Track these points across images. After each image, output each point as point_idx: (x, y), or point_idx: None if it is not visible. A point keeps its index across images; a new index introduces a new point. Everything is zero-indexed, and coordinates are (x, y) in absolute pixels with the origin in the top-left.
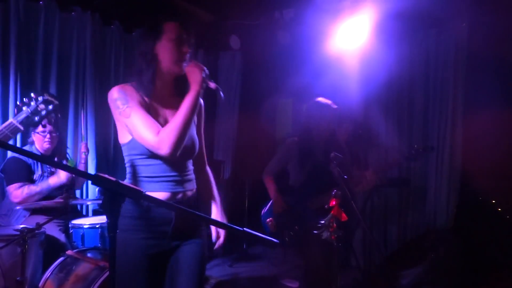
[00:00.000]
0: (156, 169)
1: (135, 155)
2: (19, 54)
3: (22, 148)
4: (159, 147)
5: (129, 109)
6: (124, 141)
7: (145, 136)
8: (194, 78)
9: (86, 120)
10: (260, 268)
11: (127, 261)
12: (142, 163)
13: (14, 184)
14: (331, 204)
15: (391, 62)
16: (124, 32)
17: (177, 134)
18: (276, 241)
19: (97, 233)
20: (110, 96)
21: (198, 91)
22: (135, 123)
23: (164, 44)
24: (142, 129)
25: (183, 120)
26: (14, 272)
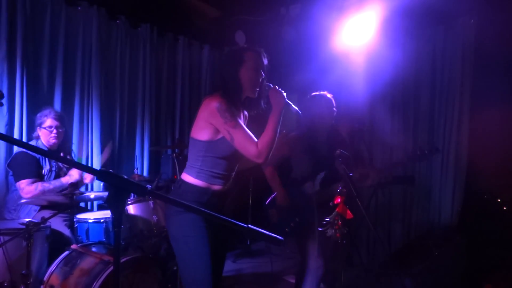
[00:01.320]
0: (223, 168)
1: (213, 153)
2: (25, 48)
3: (29, 143)
4: (259, 156)
5: (235, 122)
6: (206, 139)
7: (249, 147)
8: (278, 101)
9: (91, 114)
10: (263, 264)
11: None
12: (215, 161)
13: (26, 179)
14: (336, 202)
15: (397, 59)
16: (130, 27)
17: (270, 146)
18: (281, 238)
19: (102, 227)
20: (217, 105)
21: (281, 113)
22: (240, 135)
23: (246, 71)
24: (246, 142)
25: (273, 135)
26: (19, 266)
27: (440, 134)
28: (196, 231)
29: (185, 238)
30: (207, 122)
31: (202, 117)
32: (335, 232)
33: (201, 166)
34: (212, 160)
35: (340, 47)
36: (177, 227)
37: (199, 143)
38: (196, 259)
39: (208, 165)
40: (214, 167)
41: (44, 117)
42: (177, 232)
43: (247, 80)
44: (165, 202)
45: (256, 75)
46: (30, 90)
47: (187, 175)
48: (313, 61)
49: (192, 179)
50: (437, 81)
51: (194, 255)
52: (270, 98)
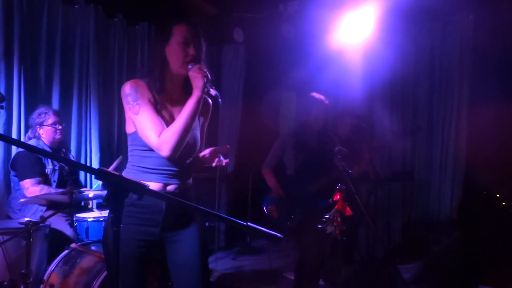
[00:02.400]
0: (154, 162)
1: (136, 145)
2: (22, 47)
3: (29, 144)
4: (160, 148)
5: (138, 106)
6: (128, 131)
7: (148, 136)
8: (196, 83)
9: (89, 113)
10: (263, 261)
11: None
12: (142, 154)
13: (30, 179)
14: (335, 198)
15: (395, 55)
16: (127, 25)
17: (178, 137)
18: (280, 236)
19: (101, 226)
20: (123, 90)
21: (199, 97)
22: (141, 121)
23: (172, 46)
24: (147, 129)
25: (184, 125)
26: (19, 265)
27: (438, 130)
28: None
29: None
30: (125, 112)
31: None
32: (334, 229)
33: (131, 161)
34: (140, 153)
35: (338, 44)
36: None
37: (128, 138)
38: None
39: (136, 159)
40: (143, 161)
41: (44, 115)
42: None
43: (173, 56)
44: (164, 200)
45: (183, 50)
46: (28, 89)
47: (123, 172)
48: (311, 58)
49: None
50: (435, 78)
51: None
52: (190, 79)
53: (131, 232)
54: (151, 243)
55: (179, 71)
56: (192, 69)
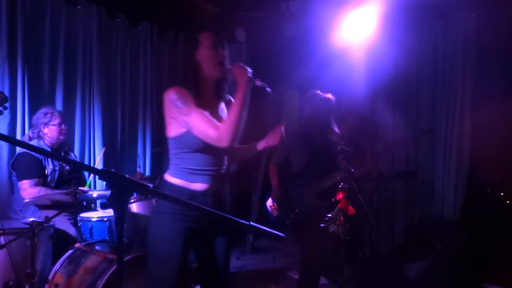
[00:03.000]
0: (199, 163)
1: (183, 147)
2: (26, 47)
3: (31, 144)
4: (220, 139)
5: (188, 108)
6: (174, 135)
7: (207, 131)
8: (241, 78)
9: (93, 113)
10: (266, 261)
11: (166, 239)
12: (188, 156)
13: (28, 180)
14: (338, 198)
15: (398, 53)
16: (130, 25)
17: (234, 128)
18: (282, 235)
19: (105, 226)
20: (169, 96)
21: (245, 90)
22: (195, 120)
23: (203, 52)
24: (203, 125)
25: (237, 116)
26: (24, 265)
27: (442, 128)
28: (168, 236)
29: (154, 237)
30: (168, 117)
31: (165, 113)
32: (337, 228)
33: (177, 163)
34: (186, 156)
35: (341, 42)
36: (152, 225)
37: (171, 141)
38: (158, 263)
39: (183, 161)
40: (190, 162)
41: (51, 115)
42: (150, 230)
43: (205, 60)
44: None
45: (215, 52)
46: (31, 90)
47: (166, 173)
48: (314, 56)
49: (170, 177)
50: (438, 75)
51: (162, 258)
52: (234, 77)
53: (177, 226)
54: (193, 238)
55: (212, 73)
56: (233, 67)
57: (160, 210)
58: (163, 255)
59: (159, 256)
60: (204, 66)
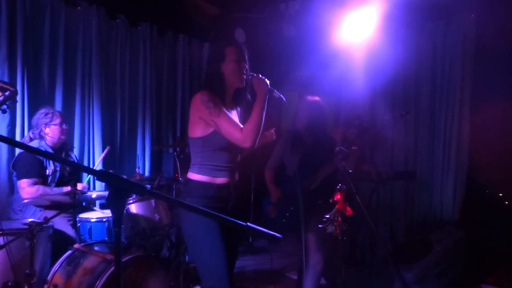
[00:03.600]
0: (223, 160)
1: (209, 146)
2: (25, 49)
3: (28, 145)
4: (244, 141)
5: (218, 110)
6: (201, 135)
7: (233, 133)
8: (262, 89)
9: (92, 113)
10: (265, 261)
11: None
12: (213, 154)
13: (27, 179)
14: (336, 198)
15: (398, 54)
16: (130, 26)
17: (256, 131)
18: (279, 236)
19: (104, 226)
20: (202, 98)
21: (265, 99)
22: (224, 122)
23: (228, 65)
24: (231, 127)
25: (258, 121)
26: (23, 265)
27: (441, 128)
28: (207, 227)
29: (196, 235)
30: (196, 117)
31: (192, 113)
32: (335, 228)
33: (202, 161)
34: (211, 154)
35: (340, 43)
36: (188, 225)
37: (195, 140)
38: (210, 254)
39: (208, 159)
40: (214, 160)
41: (51, 115)
42: (189, 230)
43: (230, 73)
44: (164, 201)
45: (238, 66)
46: (31, 90)
47: (191, 172)
48: (313, 57)
49: (196, 175)
50: (437, 76)
51: (207, 251)
52: (254, 86)
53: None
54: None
55: (235, 83)
56: (254, 77)
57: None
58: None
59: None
60: (228, 77)
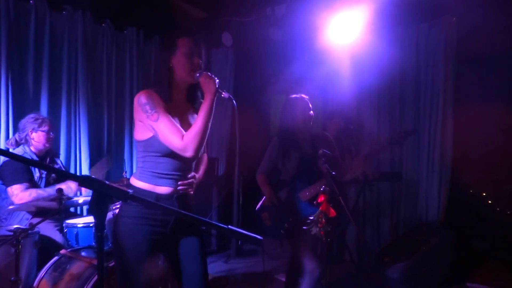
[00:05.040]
0: (166, 167)
1: (151, 151)
2: (10, 53)
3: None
4: (185, 150)
5: (156, 114)
6: (141, 138)
7: (172, 140)
8: (209, 88)
9: (78, 118)
10: (255, 264)
11: (132, 244)
12: (156, 160)
13: (17, 185)
14: (319, 200)
15: (382, 56)
16: (116, 30)
17: (199, 138)
18: (260, 238)
19: (91, 232)
20: (139, 99)
21: (212, 100)
22: (162, 127)
23: (178, 57)
24: (169, 134)
25: (203, 126)
26: (8, 272)
27: (425, 130)
28: (133, 240)
29: (121, 242)
30: (137, 119)
31: (134, 115)
32: (319, 230)
33: (143, 166)
34: (154, 159)
35: (326, 45)
36: (116, 230)
37: (138, 144)
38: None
39: (150, 165)
40: (156, 167)
41: (41, 121)
42: (116, 235)
43: (180, 65)
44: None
45: (189, 59)
46: (16, 96)
47: (133, 177)
48: (300, 60)
49: (136, 181)
50: (421, 78)
51: (127, 262)
52: (201, 85)
53: (143, 230)
54: (160, 241)
55: (185, 79)
56: (201, 76)
57: (124, 214)
58: (130, 259)
59: (127, 261)
60: (178, 71)
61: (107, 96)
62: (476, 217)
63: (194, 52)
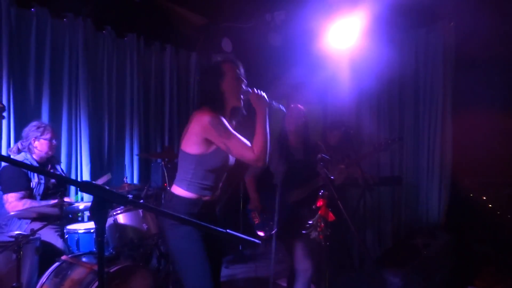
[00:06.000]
0: (212, 180)
1: (204, 166)
2: (11, 61)
3: (14, 159)
4: (258, 160)
5: (229, 132)
6: (196, 153)
7: (246, 154)
8: (261, 105)
9: (79, 125)
10: (255, 269)
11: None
12: (206, 174)
13: (13, 193)
14: (318, 205)
15: (381, 61)
16: (116, 37)
17: (266, 149)
18: (258, 241)
19: (92, 238)
20: (211, 120)
21: (266, 115)
22: (235, 144)
23: (229, 82)
24: (244, 149)
25: (265, 138)
26: (10, 279)
27: (425, 134)
28: (191, 243)
29: (182, 251)
30: (200, 136)
31: (195, 132)
32: (318, 234)
33: (192, 178)
34: (203, 173)
35: (326, 51)
36: (173, 241)
37: (190, 157)
38: (195, 270)
39: (199, 177)
40: (205, 179)
41: (43, 129)
42: (174, 246)
43: (230, 91)
44: (147, 211)
45: (237, 84)
46: (17, 102)
47: (177, 187)
48: (300, 65)
49: (183, 192)
50: (420, 83)
51: (192, 266)
52: (252, 102)
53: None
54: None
55: (235, 102)
56: (251, 94)
57: (173, 223)
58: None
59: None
60: (228, 95)
61: (107, 102)
62: (476, 221)
63: (240, 75)
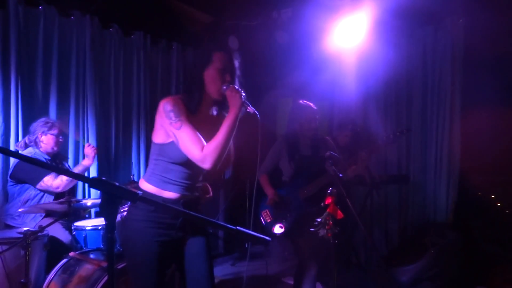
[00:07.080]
0: (175, 174)
1: (164, 156)
2: (19, 59)
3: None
4: (203, 161)
5: (180, 122)
6: (158, 142)
7: (192, 150)
8: (234, 102)
9: (87, 122)
10: (262, 267)
11: (140, 246)
12: (167, 166)
13: (46, 176)
14: (327, 202)
15: (389, 59)
16: (123, 35)
17: (219, 151)
18: (268, 239)
19: (100, 234)
20: (165, 105)
21: (236, 114)
22: (183, 136)
23: (211, 72)
24: (190, 144)
25: (224, 140)
26: (18, 275)
27: (433, 133)
28: (144, 242)
29: (130, 244)
30: (158, 123)
31: (156, 118)
32: (326, 232)
33: (154, 169)
34: (165, 165)
35: (333, 49)
36: (124, 233)
37: (154, 146)
38: (139, 269)
39: (160, 169)
40: (166, 172)
41: (50, 124)
42: (124, 238)
43: (210, 81)
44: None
45: (220, 76)
46: (25, 100)
47: (142, 179)
48: (306, 63)
49: (145, 183)
50: (428, 81)
51: (138, 264)
52: (227, 99)
53: (151, 233)
54: (168, 243)
55: (214, 94)
56: (228, 89)
57: (131, 217)
58: (140, 262)
59: (137, 263)
60: (209, 86)
61: (114, 100)
62: (484, 219)
63: (227, 69)
